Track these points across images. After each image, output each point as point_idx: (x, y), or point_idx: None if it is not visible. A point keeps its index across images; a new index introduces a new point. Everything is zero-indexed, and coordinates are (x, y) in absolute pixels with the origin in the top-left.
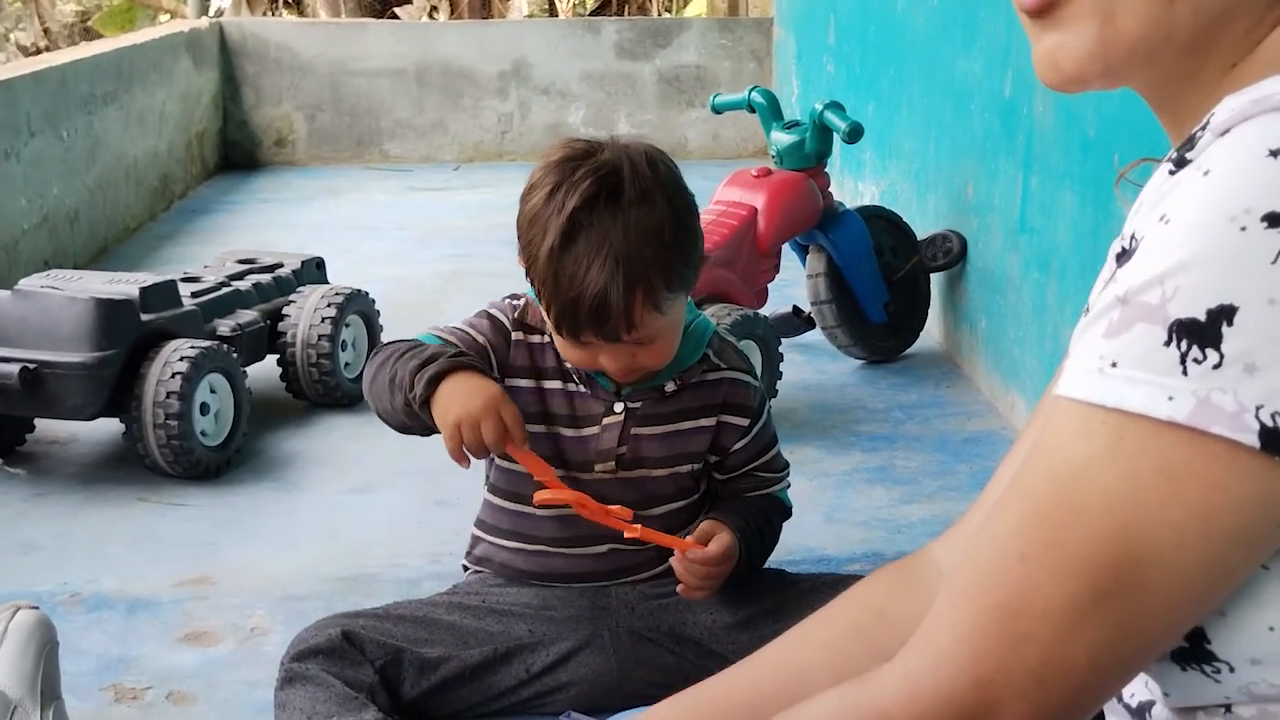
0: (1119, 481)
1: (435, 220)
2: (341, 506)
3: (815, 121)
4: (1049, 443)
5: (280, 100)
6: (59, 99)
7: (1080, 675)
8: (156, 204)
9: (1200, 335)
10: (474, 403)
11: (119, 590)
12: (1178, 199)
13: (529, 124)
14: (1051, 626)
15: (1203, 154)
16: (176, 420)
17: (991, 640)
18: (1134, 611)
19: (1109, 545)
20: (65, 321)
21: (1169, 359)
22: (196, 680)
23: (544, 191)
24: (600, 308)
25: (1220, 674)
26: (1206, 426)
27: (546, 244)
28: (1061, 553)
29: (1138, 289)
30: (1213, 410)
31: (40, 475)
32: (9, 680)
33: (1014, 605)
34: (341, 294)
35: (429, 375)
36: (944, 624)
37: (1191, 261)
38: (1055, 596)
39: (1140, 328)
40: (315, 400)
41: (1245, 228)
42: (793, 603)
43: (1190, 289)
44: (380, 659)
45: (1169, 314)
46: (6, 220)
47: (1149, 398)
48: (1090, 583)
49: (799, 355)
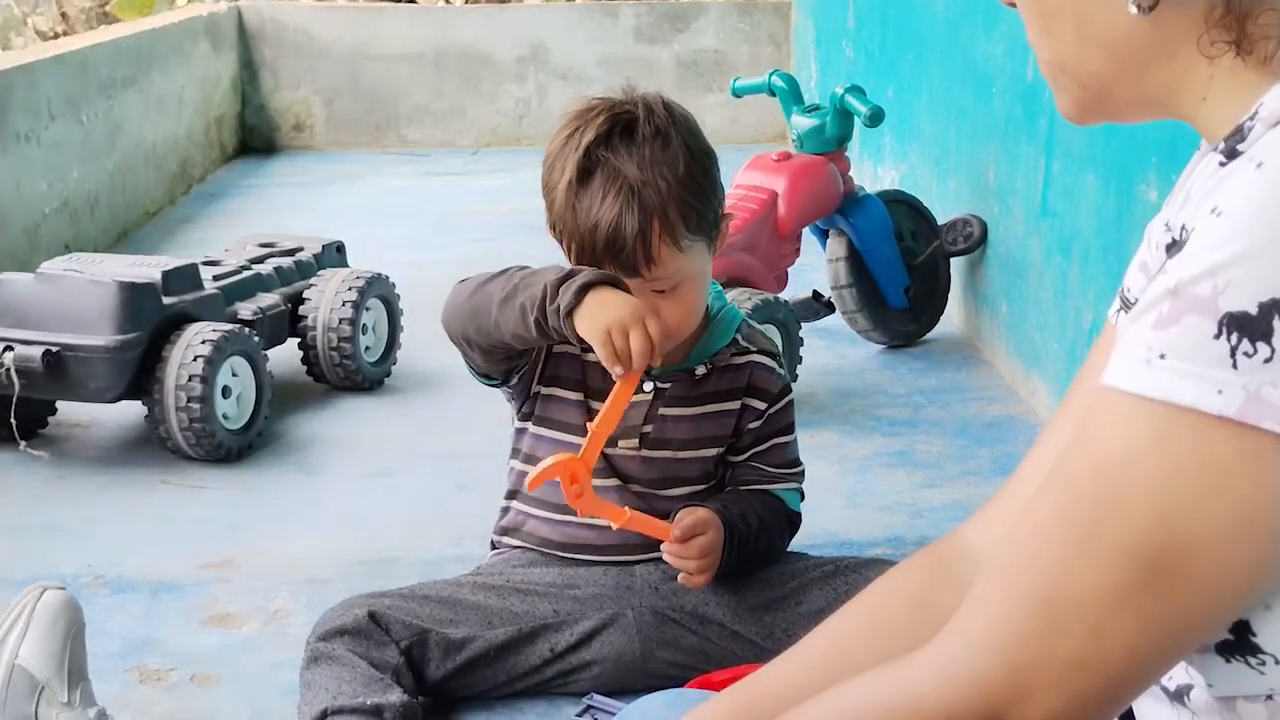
0: (1163, 473)
1: (453, 205)
2: (363, 490)
3: (836, 105)
4: (1093, 432)
5: (298, 85)
6: (79, 83)
7: (1117, 666)
8: (176, 188)
9: (1251, 329)
10: (625, 311)
11: (142, 572)
12: (1230, 191)
13: (547, 108)
14: (1089, 616)
15: (1255, 145)
16: (198, 403)
17: (1028, 627)
18: (1174, 603)
19: (1150, 536)
20: (88, 305)
21: (1219, 352)
22: (220, 662)
23: (563, 135)
24: (615, 236)
25: (1265, 666)
26: (1257, 421)
27: (564, 180)
28: (1102, 542)
29: (1189, 281)
30: (1263, 405)
31: (63, 458)
32: (36, 661)
33: (1051, 593)
34: (362, 278)
35: (578, 284)
36: (980, 610)
37: (1244, 255)
38: (1094, 586)
39: (1190, 320)
40: (336, 384)
41: None
42: (815, 585)
43: (1242, 282)
44: (406, 639)
45: (1220, 307)
46: (27, 204)
47: (1198, 391)
48: (1130, 573)
49: (819, 340)
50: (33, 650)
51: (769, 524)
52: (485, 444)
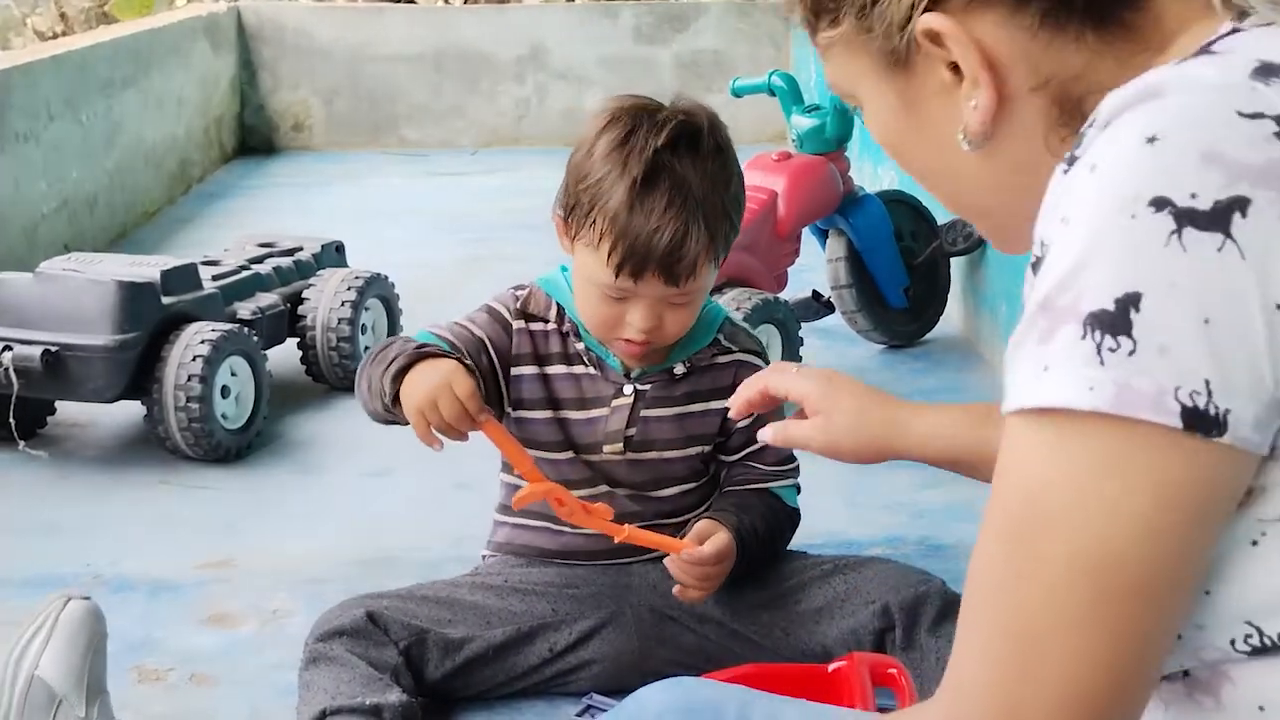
0: (1071, 483)
1: (452, 205)
2: (362, 489)
3: (836, 105)
4: (1007, 460)
5: (298, 85)
6: (78, 83)
7: (1102, 686)
8: (175, 188)
9: (1111, 324)
10: (428, 382)
11: (141, 572)
12: (1072, 198)
13: (546, 109)
14: (1065, 646)
15: (1089, 149)
16: (197, 403)
17: (1007, 667)
18: (1133, 614)
19: (1081, 554)
20: (87, 304)
21: (1086, 351)
22: (219, 662)
23: (620, 131)
24: (677, 248)
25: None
26: (1132, 412)
27: (626, 180)
28: (1045, 565)
29: (1053, 293)
30: (1134, 395)
31: (62, 458)
32: (56, 673)
33: (1018, 628)
34: (361, 277)
35: (392, 373)
36: (963, 657)
37: (1092, 256)
38: (1054, 609)
39: (1063, 330)
40: (335, 384)
41: (1135, 215)
42: (814, 584)
43: (1097, 283)
44: (405, 640)
45: (1082, 309)
46: (26, 204)
47: (1073, 391)
48: (1080, 588)
49: (818, 340)
50: (53, 662)
51: (774, 527)
52: (484, 444)
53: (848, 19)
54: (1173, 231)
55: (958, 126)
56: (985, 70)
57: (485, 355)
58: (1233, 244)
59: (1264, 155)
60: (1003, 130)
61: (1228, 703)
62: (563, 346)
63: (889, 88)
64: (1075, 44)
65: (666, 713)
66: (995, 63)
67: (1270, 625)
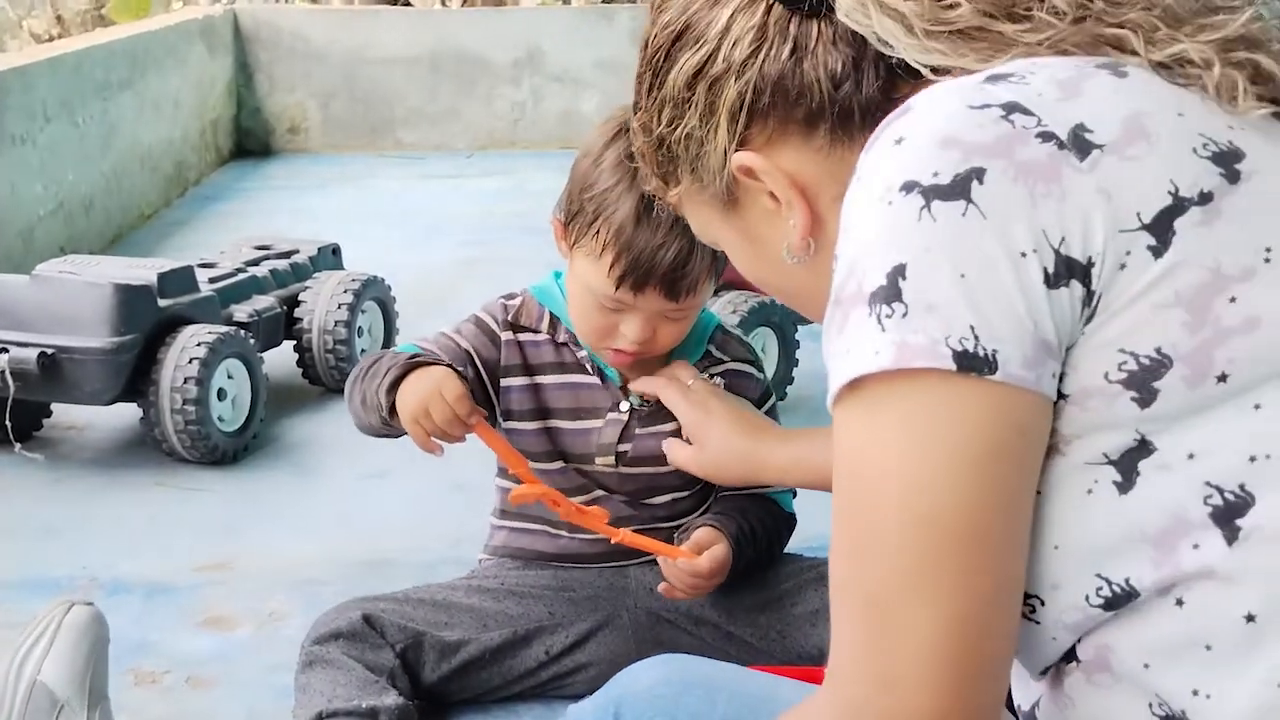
0: (883, 445)
1: (448, 208)
2: (359, 491)
3: None
4: (835, 446)
5: (294, 87)
6: (74, 85)
7: (960, 638)
8: (171, 191)
9: (886, 296)
10: (420, 390)
11: (137, 575)
12: (847, 209)
13: (542, 112)
14: (909, 602)
15: (860, 166)
16: (194, 406)
17: (868, 637)
18: (965, 559)
19: (906, 508)
20: (83, 307)
21: (871, 325)
22: (215, 664)
23: (628, 143)
24: (681, 265)
25: (1035, 611)
26: (910, 363)
27: (635, 193)
28: (880, 533)
29: (840, 287)
30: (910, 349)
31: (58, 460)
32: (58, 679)
33: (870, 598)
34: (358, 280)
35: (386, 385)
36: (834, 641)
37: (864, 245)
38: (896, 573)
39: (854, 315)
40: (331, 386)
41: (890, 202)
42: (810, 586)
43: (871, 266)
44: (401, 642)
45: (864, 292)
46: (22, 206)
47: (864, 360)
48: (914, 552)
49: (814, 343)
50: (55, 668)
51: (771, 532)
52: (480, 446)
53: (685, 176)
54: (922, 206)
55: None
56: (795, 191)
57: (472, 367)
58: (974, 207)
59: (992, 134)
60: (821, 240)
61: (1119, 670)
62: (557, 356)
63: (730, 226)
64: (861, 149)
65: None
66: (803, 185)
67: (1115, 571)
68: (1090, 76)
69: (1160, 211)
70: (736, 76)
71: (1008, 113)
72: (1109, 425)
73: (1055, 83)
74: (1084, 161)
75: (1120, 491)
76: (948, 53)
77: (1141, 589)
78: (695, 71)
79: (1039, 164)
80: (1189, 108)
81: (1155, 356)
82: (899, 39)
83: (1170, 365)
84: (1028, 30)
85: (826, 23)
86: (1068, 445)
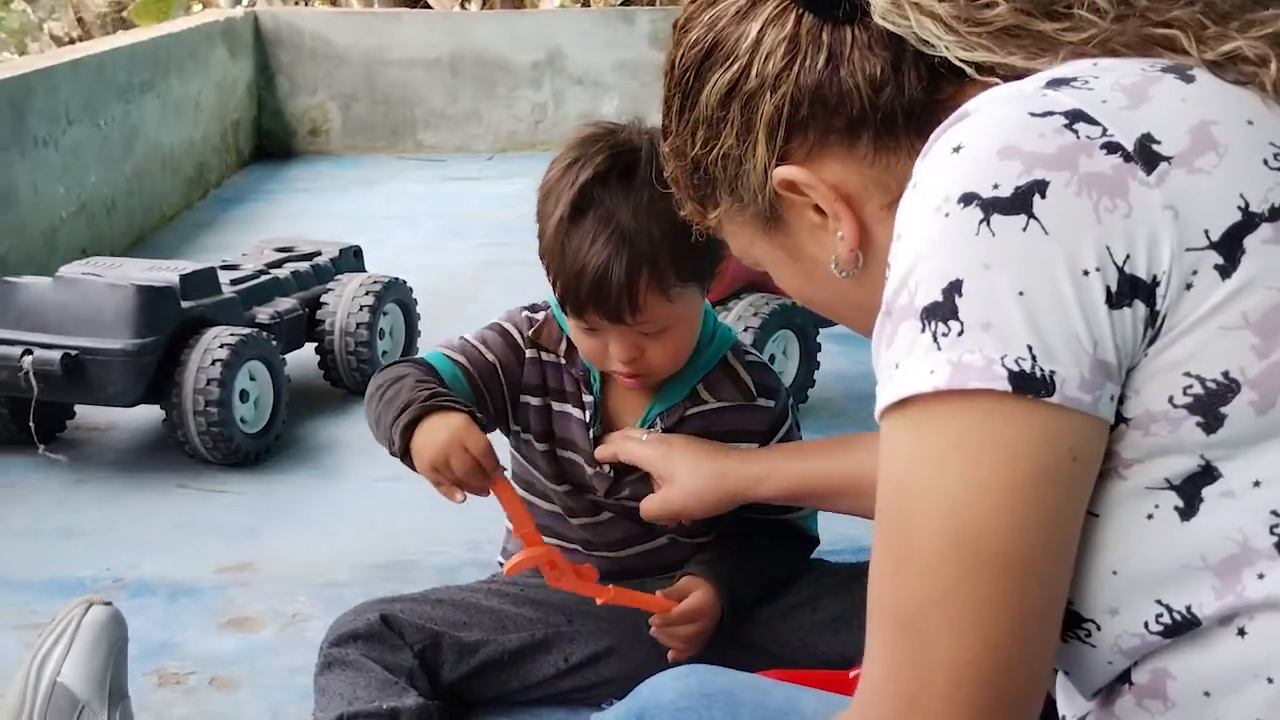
0: (930, 464)
1: (469, 210)
2: (380, 494)
3: None
4: (881, 461)
5: (315, 90)
6: (97, 88)
7: (991, 663)
8: (192, 192)
9: (942, 312)
10: (439, 440)
11: (161, 576)
12: (901, 216)
13: (562, 114)
14: (942, 624)
15: (915, 173)
16: (216, 407)
17: (900, 655)
18: (1003, 584)
19: (948, 529)
20: (106, 308)
21: (925, 342)
22: (239, 665)
23: (561, 165)
24: (601, 283)
25: (1091, 635)
26: (964, 384)
27: (555, 216)
28: (920, 553)
29: (892, 297)
30: (965, 370)
31: (81, 462)
32: (78, 679)
33: (902, 616)
34: (380, 282)
35: (401, 426)
36: (866, 657)
37: (918, 257)
38: (933, 593)
39: (904, 328)
40: (353, 388)
41: (948, 214)
42: (832, 593)
43: (925, 279)
44: (419, 643)
45: (917, 306)
46: (45, 208)
47: (917, 378)
48: (952, 566)
49: (836, 345)
50: (75, 668)
51: (782, 561)
52: (502, 447)
53: (724, 197)
54: (981, 220)
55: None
56: (841, 203)
57: (496, 379)
58: (1035, 222)
59: (1055, 144)
60: (870, 252)
61: (1175, 698)
62: (570, 386)
63: (774, 244)
64: (909, 155)
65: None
66: (848, 195)
67: (1176, 599)
68: (1156, 81)
69: (1229, 228)
70: (772, 90)
71: (1071, 121)
72: (1172, 450)
73: (1121, 89)
74: (1151, 175)
75: (1182, 518)
76: (994, 48)
77: (1203, 617)
78: (728, 89)
79: (1104, 177)
80: (1258, 115)
81: (1223, 381)
82: (940, 37)
83: (1238, 390)
84: (1068, 29)
85: (860, 28)
86: (1128, 469)
